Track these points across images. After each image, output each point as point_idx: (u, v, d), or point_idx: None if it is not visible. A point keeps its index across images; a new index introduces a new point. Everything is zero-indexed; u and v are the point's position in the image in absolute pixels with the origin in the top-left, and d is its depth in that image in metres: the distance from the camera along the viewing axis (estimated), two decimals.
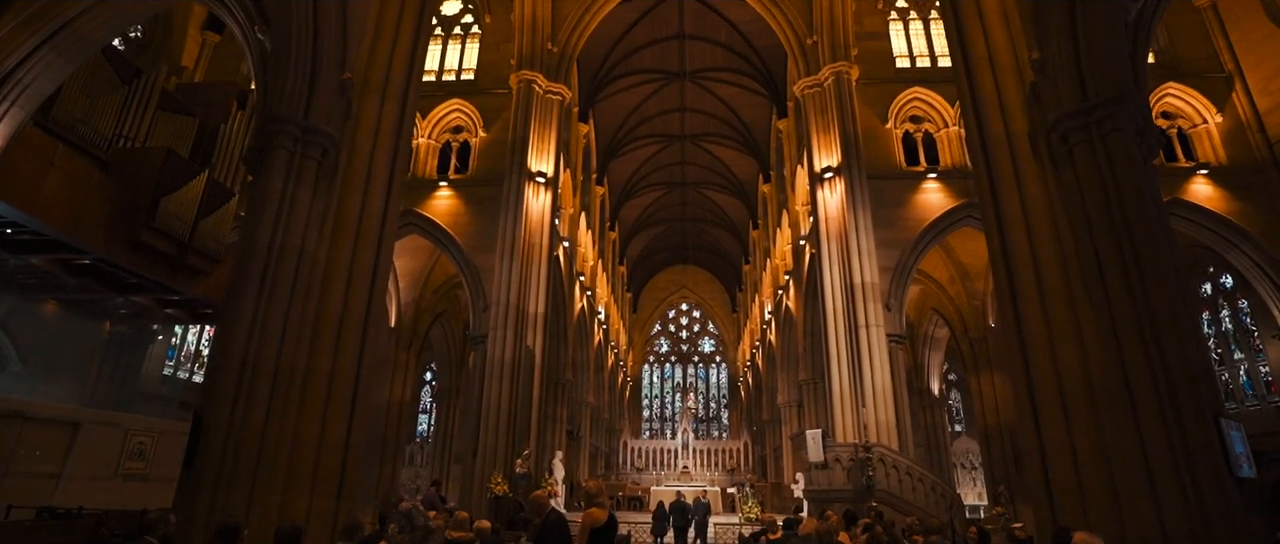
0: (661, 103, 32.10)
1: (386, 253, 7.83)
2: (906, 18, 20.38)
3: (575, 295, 25.65)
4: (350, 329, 7.19)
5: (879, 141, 18.15)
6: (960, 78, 8.09)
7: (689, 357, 50.34)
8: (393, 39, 8.62)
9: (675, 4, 25.51)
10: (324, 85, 7.64)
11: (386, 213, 7.94)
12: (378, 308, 7.60)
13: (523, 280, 16.93)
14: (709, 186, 40.29)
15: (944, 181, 17.50)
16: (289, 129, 7.31)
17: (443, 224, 17.96)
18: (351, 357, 7.11)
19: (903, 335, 16.13)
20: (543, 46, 19.18)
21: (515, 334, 16.36)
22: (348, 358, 7.09)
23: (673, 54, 28.62)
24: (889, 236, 16.88)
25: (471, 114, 19.42)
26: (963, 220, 17.17)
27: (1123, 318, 5.99)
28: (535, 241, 17.56)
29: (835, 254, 16.62)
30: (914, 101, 18.68)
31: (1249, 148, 16.58)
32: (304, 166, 7.39)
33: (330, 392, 6.87)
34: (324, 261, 7.30)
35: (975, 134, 7.74)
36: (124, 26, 10.20)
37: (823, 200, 17.37)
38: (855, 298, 15.89)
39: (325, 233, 7.42)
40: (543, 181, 18.11)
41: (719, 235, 46.38)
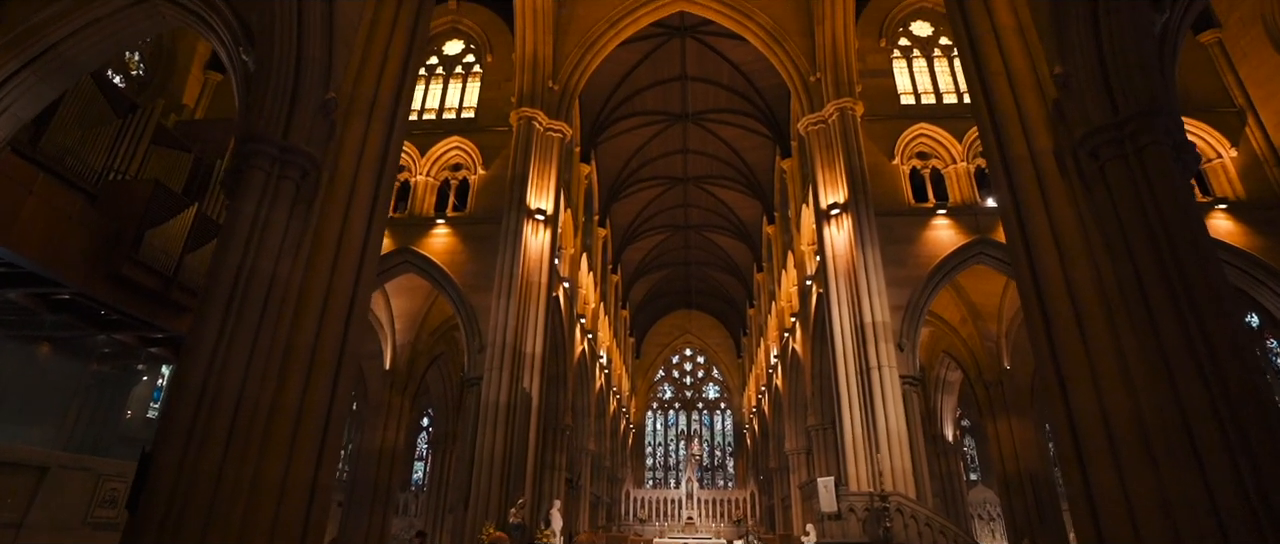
0: (664, 145, 32.05)
1: (367, 280, 7.30)
2: (909, 56, 20.29)
3: (576, 338, 25.00)
4: (323, 362, 6.61)
5: (886, 178, 17.79)
6: (976, 96, 7.68)
7: (693, 403, 49.21)
8: (382, 60, 8.29)
9: (677, 46, 25.61)
10: (305, 104, 7.25)
11: (368, 238, 7.45)
12: (355, 339, 7.03)
13: (520, 320, 16.35)
14: (712, 229, 40.01)
15: (954, 218, 17.04)
16: (266, 149, 6.89)
17: (439, 262, 17.49)
18: (323, 392, 6.50)
19: (916, 377, 15.40)
20: (543, 85, 19.07)
21: (511, 376, 15.68)
22: (318, 393, 6.48)
23: (675, 96, 28.66)
24: (899, 274, 16.34)
25: (471, 151, 19.19)
26: (975, 257, 16.64)
27: (1174, 347, 5.37)
28: (533, 280, 17.04)
29: (844, 293, 16.04)
30: (920, 138, 18.39)
31: (1268, 183, 16.14)
32: (281, 188, 6.94)
33: (297, 430, 6.24)
34: (298, 288, 6.77)
35: (996, 154, 7.27)
36: (112, 52, 9.91)
37: (829, 237, 16.89)
38: (866, 338, 15.23)
39: (301, 258, 6.91)
40: (542, 219, 17.71)
41: (723, 279, 45.92)
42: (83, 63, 9.61)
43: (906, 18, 20.63)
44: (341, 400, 6.68)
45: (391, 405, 22.14)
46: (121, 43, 9.79)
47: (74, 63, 9.46)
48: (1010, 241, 6.99)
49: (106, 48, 9.61)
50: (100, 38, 9.43)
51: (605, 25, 20.51)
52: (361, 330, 7.17)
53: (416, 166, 19.15)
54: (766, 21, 20.08)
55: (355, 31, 8.28)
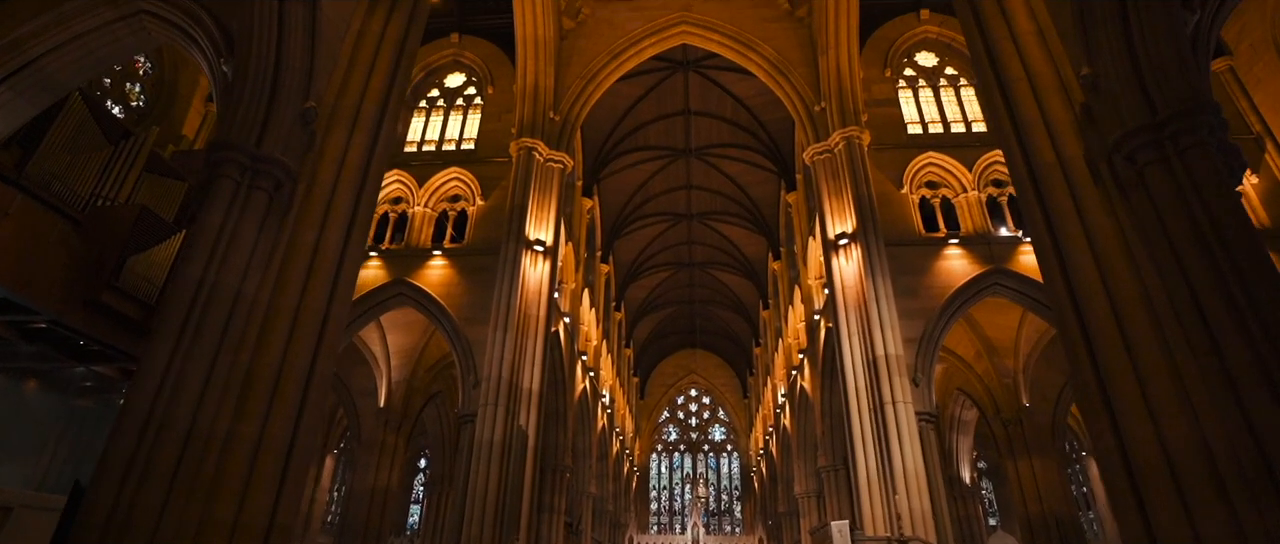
0: (667, 180, 31.81)
1: (342, 300, 6.75)
2: (915, 86, 20.04)
3: (577, 375, 24.25)
4: (288, 387, 6.01)
5: (894, 207, 17.30)
6: (996, 104, 7.21)
7: (699, 445, 47.92)
8: (368, 71, 7.91)
9: (680, 80, 25.53)
10: (283, 112, 6.83)
11: (345, 255, 6.92)
12: (326, 364, 6.44)
13: (517, 353, 15.70)
14: (717, 266, 39.51)
15: (967, 248, 16.46)
16: (236, 157, 6.43)
17: (435, 294, 16.95)
18: (285, 422, 5.88)
19: (933, 414, 14.60)
20: (544, 115, 18.84)
21: (507, 412, 14.96)
22: (281, 423, 5.86)
23: (679, 131, 28.51)
24: (911, 306, 15.69)
25: (470, 182, 18.85)
26: (990, 288, 16.00)
27: (1241, 367, 4.73)
28: (532, 313, 16.45)
29: (854, 325, 15.38)
30: (929, 167, 17.96)
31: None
32: (251, 199, 6.46)
33: (254, 464, 5.61)
34: (264, 307, 6.22)
35: (1020, 164, 6.76)
36: (94, 70, 9.60)
37: (838, 268, 16.31)
38: (878, 372, 14.50)
39: (270, 275, 6.39)
40: (541, 250, 17.22)
41: (728, 318, 45.22)
42: (64, 80, 9.30)
43: (910, 48, 20.46)
44: (308, 432, 6.05)
45: (386, 444, 21.33)
46: (106, 60, 9.48)
47: (55, 79, 9.14)
48: (1041, 255, 6.41)
49: (89, 64, 9.30)
50: (83, 53, 9.12)
51: (607, 57, 20.40)
52: (334, 354, 6.59)
53: (414, 197, 18.80)
54: (770, 53, 19.93)
55: (341, 42, 7.93)
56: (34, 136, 12.91)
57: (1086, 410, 5.70)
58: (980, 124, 19.04)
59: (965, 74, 20.09)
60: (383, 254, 17.69)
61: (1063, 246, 6.08)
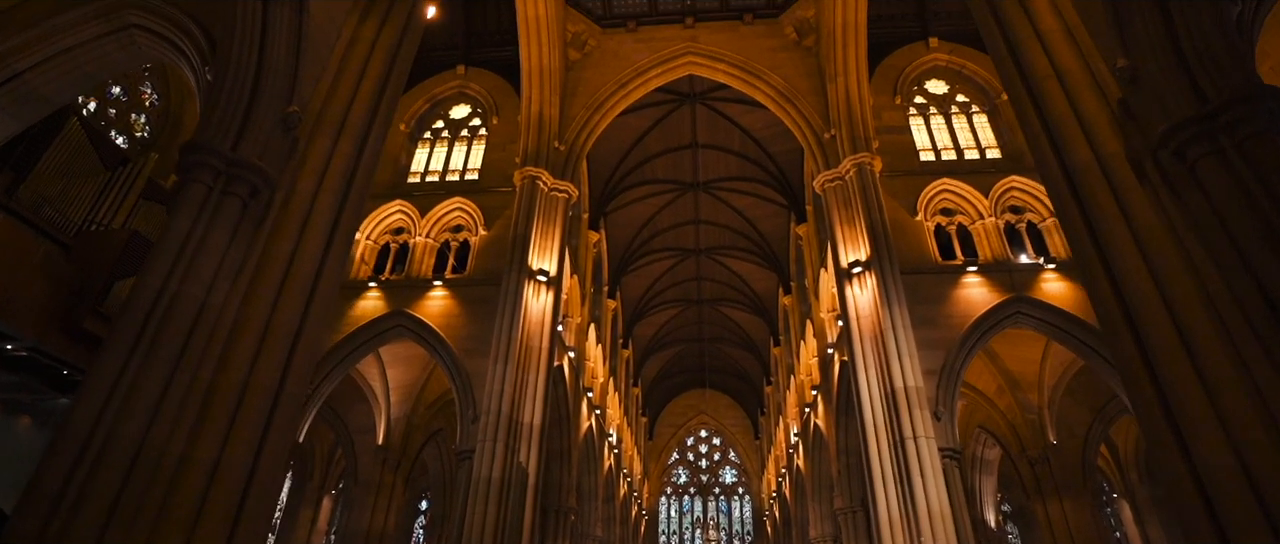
0: (675, 214, 31.44)
1: (318, 315, 6.24)
2: (926, 113, 19.70)
3: (582, 413, 23.46)
4: (252, 407, 5.45)
5: (909, 234, 16.73)
6: (1023, 104, 6.73)
7: (709, 488, 46.46)
8: (357, 80, 7.57)
9: (687, 112, 25.34)
10: (262, 116, 6.44)
11: (323, 267, 6.44)
12: (298, 382, 5.89)
13: (518, 387, 15.05)
14: (726, 303, 38.82)
15: (986, 275, 15.81)
16: (210, 161, 6.02)
17: (434, 325, 16.41)
18: (246, 445, 5.30)
19: (957, 450, 13.74)
20: (549, 145, 18.59)
21: (506, 448, 14.24)
22: (242, 447, 5.28)
23: (686, 164, 28.24)
24: (930, 336, 14.98)
25: (473, 212, 18.50)
26: (1012, 317, 15.28)
27: None
28: (534, 344, 15.86)
29: (871, 357, 14.66)
30: (943, 193, 17.45)
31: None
32: (223, 205, 6.02)
33: (209, 492, 5.01)
34: (232, 320, 5.71)
35: (1053, 166, 6.23)
36: (82, 85, 9.35)
37: (852, 298, 15.68)
38: (897, 406, 13.73)
39: (240, 285, 5.90)
40: (545, 280, 16.72)
41: (738, 356, 44.31)
42: (50, 95, 9.02)
43: (920, 76, 20.21)
44: (273, 454, 5.46)
45: (383, 484, 20.50)
46: (94, 75, 9.23)
47: (40, 94, 8.86)
48: (1083, 262, 5.82)
49: (77, 80, 9.04)
50: (70, 68, 8.87)
51: (614, 87, 20.27)
52: (307, 373, 6.04)
53: (416, 228, 18.45)
54: (778, 82, 19.72)
55: (331, 50, 7.61)
56: (28, 160, 12.68)
57: (1149, 432, 5.02)
58: (994, 150, 18.61)
59: (977, 101, 19.79)
60: (382, 285, 17.26)
61: (1107, 251, 5.50)
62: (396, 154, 20.16)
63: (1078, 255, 5.93)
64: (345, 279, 17.46)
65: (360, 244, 18.12)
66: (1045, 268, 15.61)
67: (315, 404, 15.94)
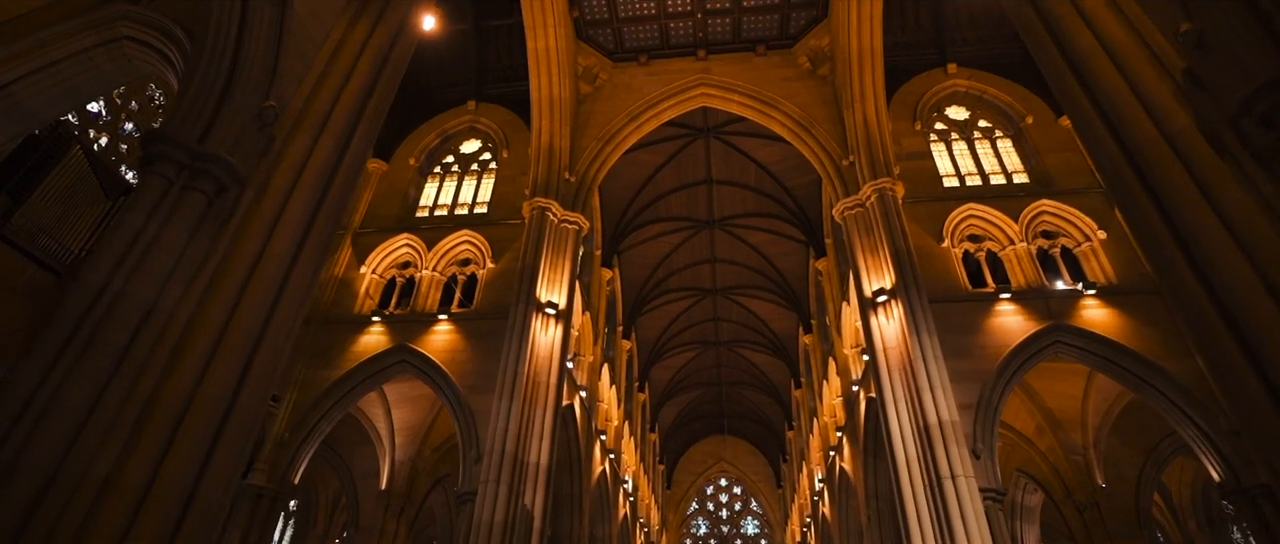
0: (691, 253, 30.82)
1: (284, 321, 5.60)
2: (948, 139, 19.08)
3: (595, 456, 22.41)
4: (198, 420, 4.76)
5: (935, 261, 15.89)
6: (1068, 87, 6.05)
7: (730, 540, 44.40)
8: (343, 80, 7.12)
9: (701, 147, 24.97)
10: (235, 109, 5.96)
11: (293, 269, 5.83)
12: (257, 393, 5.21)
13: (524, 424, 14.19)
14: (745, 345, 37.77)
15: (1020, 303, 14.86)
16: (172, 152, 5.51)
17: (437, 360, 15.72)
18: (186, 464, 4.59)
19: (1001, 491, 12.56)
20: (560, 176, 18.18)
21: (511, 490, 13.30)
22: (181, 466, 4.57)
23: (701, 200, 27.75)
24: (963, 368, 13.97)
25: (481, 245, 18.01)
26: (1052, 346, 14.24)
27: None
28: (541, 380, 15.06)
29: (900, 390, 13.64)
30: (970, 219, 16.65)
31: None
32: (184, 201, 5.48)
33: (134, 524, 4.27)
34: (183, 324, 5.08)
35: (1111, 148, 5.50)
36: (69, 101, 9.04)
37: (877, 328, 14.75)
38: (932, 442, 12.65)
39: (197, 287, 5.30)
40: (553, 313, 16.02)
41: (758, 400, 42.94)
42: (37, 110, 8.70)
43: (940, 102, 19.68)
44: (220, 474, 4.75)
45: (386, 531, 19.47)
46: (82, 89, 8.92)
47: (25, 108, 8.54)
48: (1154, 250, 5.03)
49: (65, 94, 8.72)
50: (58, 81, 8.57)
51: (625, 119, 19.96)
52: (266, 384, 5.37)
53: (422, 261, 17.97)
54: (793, 110, 19.28)
55: (317, 50, 7.19)
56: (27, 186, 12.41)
57: (1262, 448, 4.12)
58: (1021, 175, 17.87)
59: (1000, 126, 19.16)
60: (387, 320, 16.68)
61: (1187, 235, 4.72)
62: (405, 188, 19.90)
63: (1147, 243, 5.15)
64: (348, 313, 16.96)
65: (365, 278, 17.66)
66: (1084, 294, 14.64)
67: (313, 444, 15.20)
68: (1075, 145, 17.53)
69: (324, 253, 6.26)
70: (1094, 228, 15.70)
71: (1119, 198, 5.58)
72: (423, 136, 21.06)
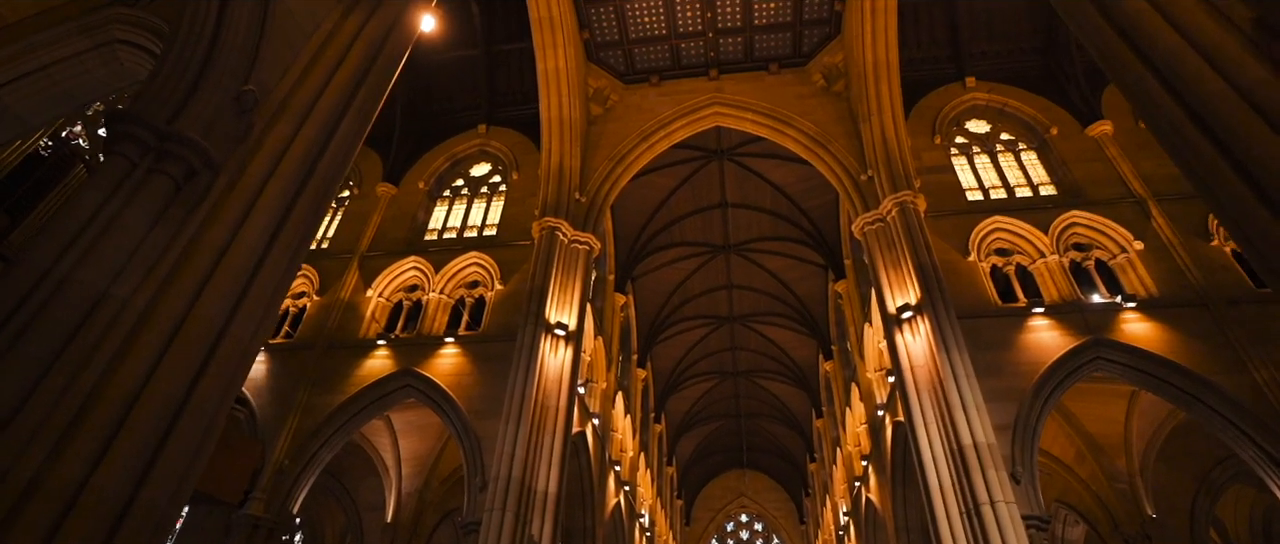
0: (706, 279, 30.20)
1: (250, 314, 5.09)
2: (969, 152, 18.49)
3: (609, 488, 21.53)
4: (143, 418, 4.23)
5: (962, 276, 15.16)
6: (1114, 50, 5.46)
7: None
8: (333, 67, 6.75)
9: (716, 170, 24.58)
10: (211, 90, 5.58)
11: (266, 256, 5.35)
12: (210, 393, 4.67)
13: (532, 450, 13.49)
14: (764, 375, 36.81)
15: (1055, 317, 14.02)
16: (137, 132, 5.10)
17: (443, 384, 15.14)
18: (124, 466, 4.04)
19: (1045, 519, 11.56)
20: (570, 196, 17.79)
21: (516, 519, 12.55)
22: (118, 468, 4.01)
23: (716, 225, 27.24)
24: (996, 386, 13.11)
25: (489, 267, 17.58)
26: (1092, 363, 13.35)
27: None
28: (551, 403, 14.39)
29: (929, 410, 12.78)
30: (997, 232, 15.94)
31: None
32: (148, 184, 5.04)
33: (59, 530, 3.71)
34: (137, 314, 4.59)
35: (1171, 109, 4.88)
36: (59, 106, 8.79)
37: (903, 346, 13.95)
38: (967, 466, 11.74)
39: (156, 276, 4.82)
40: (563, 334, 15.44)
41: (779, 432, 41.70)
42: (26, 115, 8.47)
43: (959, 116, 19.15)
44: (166, 480, 4.18)
45: None
46: (72, 93, 8.67)
47: (13, 113, 8.30)
48: (1240, 226, 4.37)
49: (55, 98, 8.47)
50: (47, 86, 8.34)
51: (637, 139, 19.63)
52: (227, 382, 4.83)
53: (430, 283, 17.55)
54: (808, 127, 18.83)
55: (306, 40, 6.86)
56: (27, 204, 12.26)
57: None
58: (1048, 187, 17.18)
59: (1023, 138, 18.55)
60: (392, 343, 16.20)
61: None
62: (414, 211, 19.65)
63: (1227, 216, 4.49)
64: (353, 337, 16.52)
65: (371, 302, 17.26)
66: (1124, 307, 13.79)
67: (314, 472, 14.60)
68: (1104, 155, 16.89)
69: (302, 244, 5.79)
70: (1130, 239, 14.92)
71: (1182, 159, 4.93)
72: (432, 161, 20.89)
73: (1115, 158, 16.60)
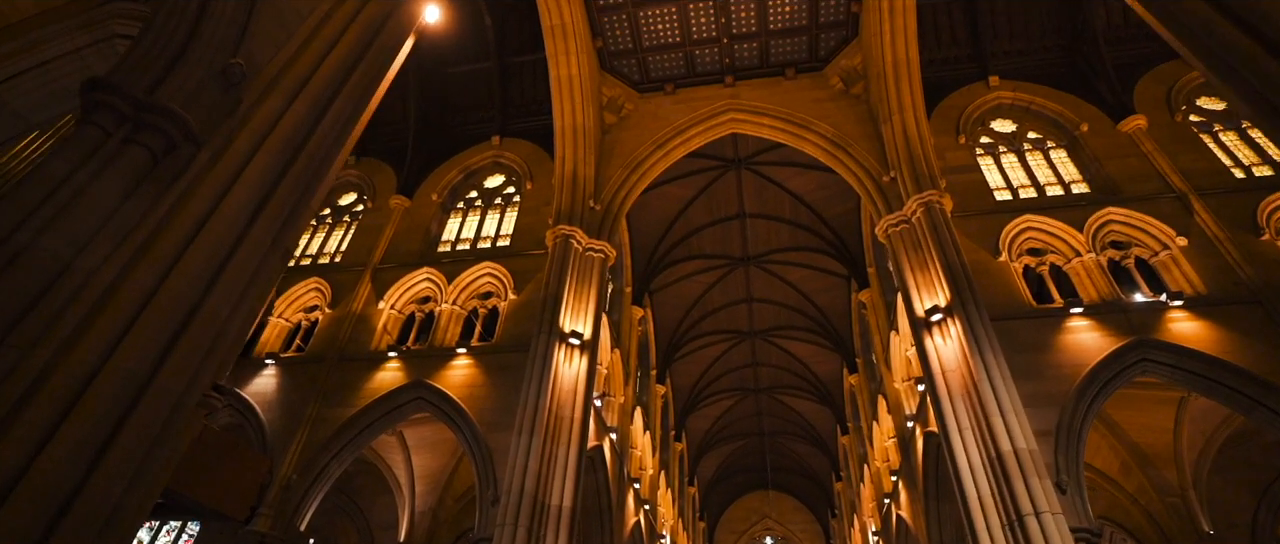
0: (726, 293, 29.61)
1: (227, 291, 4.70)
2: (995, 152, 17.86)
3: (628, 505, 20.86)
4: (99, 397, 3.82)
5: (993, 276, 14.47)
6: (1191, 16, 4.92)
7: None
8: (329, 46, 6.45)
9: (733, 180, 24.13)
10: (195, 62, 5.28)
11: (248, 231, 4.98)
12: (182, 371, 4.28)
13: (545, 462, 12.95)
14: (787, 391, 35.93)
15: (1095, 318, 13.26)
16: (113, 101, 4.79)
17: (454, 395, 14.70)
18: (68, 454, 3.61)
19: (1095, 531, 10.73)
20: (584, 204, 17.45)
21: (529, 534, 11.97)
22: (60, 454, 3.59)
23: (735, 236, 26.72)
24: (1035, 390, 12.35)
25: (503, 277, 17.23)
26: (1137, 365, 12.53)
27: None
28: (565, 414, 13.87)
29: (964, 417, 12.05)
30: (1028, 231, 15.25)
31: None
32: (123, 154, 4.72)
33: None
34: (103, 287, 4.23)
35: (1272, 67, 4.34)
36: (58, 102, 8.61)
37: (934, 350, 13.26)
38: (1007, 475, 10.98)
39: (127, 249, 4.46)
40: (578, 344, 14.96)
41: (803, 451, 40.66)
42: (24, 111, 8.31)
43: (983, 116, 18.55)
44: (120, 469, 3.76)
45: None
46: (73, 91, 8.56)
47: (11, 109, 8.16)
48: None
49: (53, 94, 8.32)
50: (46, 82, 8.20)
51: (652, 146, 19.29)
52: (198, 363, 4.43)
53: (442, 295, 17.23)
54: (827, 130, 18.35)
55: (301, 20, 6.58)
56: None
57: None
58: (1080, 185, 16.46)
59: (1051, 136, 17.88)
60: (404, 355, 15.84)
61: None
62: (427, 223, 19.43)
63: None
64: (364, 350, 16.20)
65: (383, 314, 16.97)
66: (1170, 306, 12.99)
67: (323, 487, 14.18)
68: (1139, 150, 16.17)
69: (290, 223, 5.44)
70: (1172, 235, 14.15)
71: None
72: (446, 173, 20.74)
73: (1151, 152, 15.88)
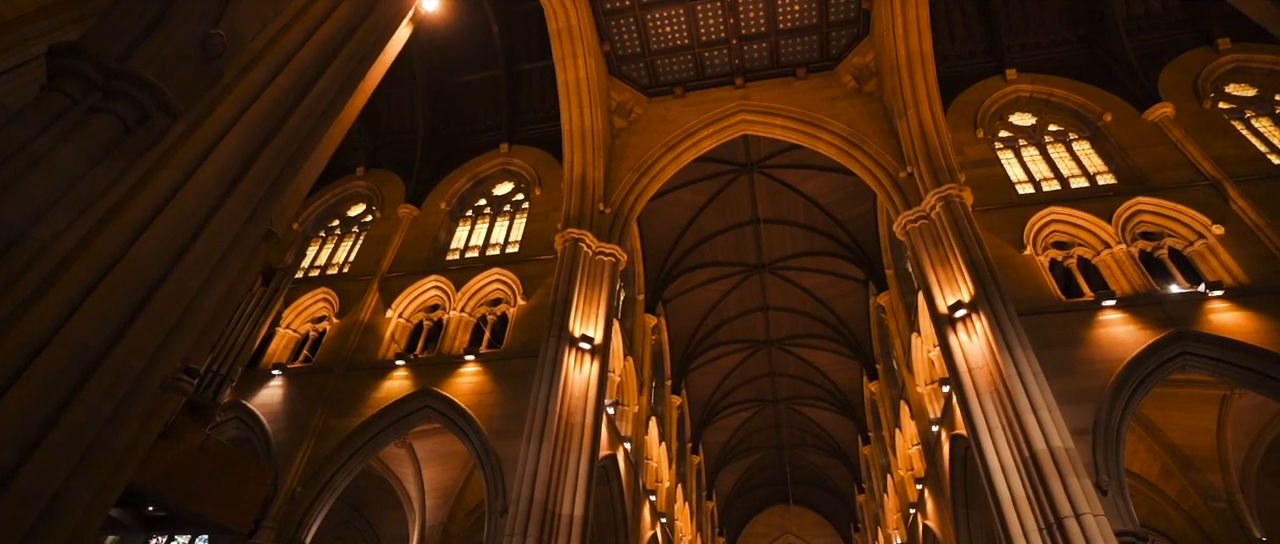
0: (741, 301, 29.07)
1: (198, 264, 4.38)
2: (1015, 146, 17.32)
3: (644, 519, 20.28)
4: (44, 371, 3.48)
5: (1019, 271, 13.89)
6: None
7: None
8: (317, 23, 6.18)
9: (745, 184, 23.71)
10: (171, 30, 5.01)
11: (223, 203, 4.67)
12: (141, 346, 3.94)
13: (556, 470, 12.49)
14: (805, 401, 35.15)
15: (1129, 310, 12.62)
16: (82, 68, 4.52)
17: (462, 403, 14.32)
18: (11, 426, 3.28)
19: (1141, 534, 10.05)
20: (593, 207, 17.12)
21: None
22: None
23: (748, 243, 26.24)
24: (1068, 387, 11.71)
25: (512, 283, 16.89)
26: (1177, 359, 11.87)
27: None
28: (576, 421, 13.42)
29: (995, 416, 11.43)
30: (1053, 224, 14.67)
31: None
32: (89, 123, 4.44)
33: None
34: (58, 258, 3.91)
35: None
36: None
37: (959, 348, 12.68)
38: (1043, 475, 10.34)
39: (90, 217, 4.16)
40: (588, 348, 14.54)
41: (824, 464, 39.73)
42: (15, 107, 8.17)
43: (1001, 109, 18.03)
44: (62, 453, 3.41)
45: None
46: None
47: (2, 105, 8.02)
48: None
49: None
50: (32, 80, 8.03)
51: (662, 149, 18.98)
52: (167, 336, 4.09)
53: (451, 302, 16.92)
54: (840, 129, 17.94)
55: (288, 2, 6.33)
56: None
57: None
58: (1105, 176, 15.86)
59: (1073, 128, 17.32)
60: (411, 363, 15.51)
61: None
62: (436, 232, 19.20)
63: None
64: (371, 359, 15.91)
65: (391, 322, 16.69)
66: (1209, 296, 12.33)
67: (329, 499, 13.80)
68: (1167, 139, 15.57)
69: (270, 198, 5.12)
70: (1207, 224, 13.51)
71: None
72: (455, 181, 20.56)
73: (1180, 141, 15.27)
